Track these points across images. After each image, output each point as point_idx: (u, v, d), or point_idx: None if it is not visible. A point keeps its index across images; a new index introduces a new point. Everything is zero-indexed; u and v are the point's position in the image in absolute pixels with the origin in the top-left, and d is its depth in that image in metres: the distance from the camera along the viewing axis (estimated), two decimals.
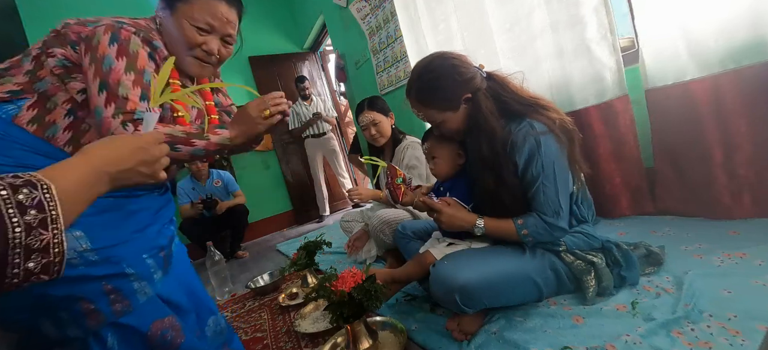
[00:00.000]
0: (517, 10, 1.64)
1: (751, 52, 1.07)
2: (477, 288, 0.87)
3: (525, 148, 0.91)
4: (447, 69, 0.95)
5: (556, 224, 0.92)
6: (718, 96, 1.16)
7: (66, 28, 0.79)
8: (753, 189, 1.15)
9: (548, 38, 1.55)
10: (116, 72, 0.73)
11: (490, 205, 0.99)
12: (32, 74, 0.75)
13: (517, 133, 0.92)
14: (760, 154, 1.12)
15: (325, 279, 1.03)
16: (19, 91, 0.73)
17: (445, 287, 0.89)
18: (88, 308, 0.68)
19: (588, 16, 1.40)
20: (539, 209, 0.93)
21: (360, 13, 2.77)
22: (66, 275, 0.43)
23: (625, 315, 0.86)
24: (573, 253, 0.97)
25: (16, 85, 0.74)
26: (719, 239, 1.09)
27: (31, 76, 0.75)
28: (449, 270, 0.90)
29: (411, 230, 1.31)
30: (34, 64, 0.76)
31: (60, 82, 0.75)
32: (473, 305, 0.88)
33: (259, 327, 1.43)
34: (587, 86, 1.48)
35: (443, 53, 1.00)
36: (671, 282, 0.94)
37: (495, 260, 0.94)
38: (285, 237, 3.47)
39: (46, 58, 0.75)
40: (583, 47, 1.45)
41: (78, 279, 0.67)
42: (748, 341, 0.68)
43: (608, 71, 1.41)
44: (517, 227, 0.94)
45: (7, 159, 0.67)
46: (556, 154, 0.91)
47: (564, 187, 0.93)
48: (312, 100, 3.66)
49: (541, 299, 0.99)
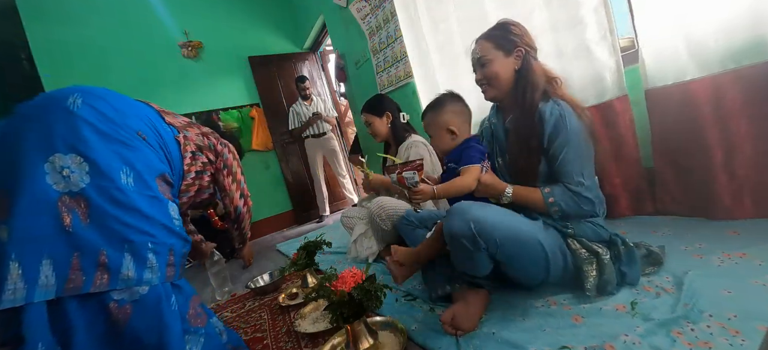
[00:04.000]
0: (518, 11, 1.64)
1: (751, 52, 1.07)
2: (492, 223, 0.88)
3: (551, 120, 0.95)
4: (512, 22, 1.08)
5: (583, 194, 0.95)
6: (718, 96, 1.16)
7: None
8: (753, 189, 1.15)
9: (548, 39, 1.55)
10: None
11: (514, 173, 1.05)
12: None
13: (544, 106, 0.97)
14: (760, 154, 1.12)
15: (325, 278, 1.03)
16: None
17: (463, 217, 0.88)
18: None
19: (588, 17, 1.40)
20: (565, 180, 0.96)
21: (360, 13, 2.77)
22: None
23: (624, 315, 0.86)
24: (579, 241, 0.98)
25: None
26: (719, 239, 1.09)
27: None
28: (467, 205, 0.92)
29: (416, 218, 1.33)
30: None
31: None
32: (486, 238, 0.87)
33: (259, 327, 1.43)
34: (587, 87, 1.48)
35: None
36: (671, 281, 0.94)
37: (511, 215, 0.94)
38: (285, 237, 3.47)
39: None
40: (583, 48, 1.45)
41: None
42: (748, 341, 0.68)
43: (608, 72, 1.41)
44: (544, 195, 0.97)
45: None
46: (580, 128, 0.96)
47: (588, 161, 0.98)
48: (312, 100, 3.66)
49: (546, 278, 0.97)
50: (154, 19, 3.57)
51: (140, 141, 0.90)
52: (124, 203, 0.79)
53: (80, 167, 0.78)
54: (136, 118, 0.94)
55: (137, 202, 0.81)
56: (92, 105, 0.85)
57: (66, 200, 0.75)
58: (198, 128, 1.18)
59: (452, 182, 1.04)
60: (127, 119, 0.90)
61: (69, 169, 0.77)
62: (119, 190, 0.79)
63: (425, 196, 1.06)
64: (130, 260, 0.77)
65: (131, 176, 0.82)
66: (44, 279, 0.71)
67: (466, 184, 1.02)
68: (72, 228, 0.74)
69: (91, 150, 0.79)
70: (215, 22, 3.86)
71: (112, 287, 0.75)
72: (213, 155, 1.17)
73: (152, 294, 0.79)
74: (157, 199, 0.86)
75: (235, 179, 1.26)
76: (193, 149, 1.11)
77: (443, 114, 1.17)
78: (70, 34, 3.14)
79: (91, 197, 0.77)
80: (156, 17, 3.58)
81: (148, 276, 0.79)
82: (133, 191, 0.81)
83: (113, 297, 0.75)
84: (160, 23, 3.59)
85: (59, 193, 0.75)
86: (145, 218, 0.81)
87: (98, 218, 0.77)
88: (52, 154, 0.77)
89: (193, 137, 1.13)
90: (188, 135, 1.11)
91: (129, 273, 0.77)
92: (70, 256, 0.73)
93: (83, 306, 0.73)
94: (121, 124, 0.87)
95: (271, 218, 4.04)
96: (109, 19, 3.35)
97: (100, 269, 0.75)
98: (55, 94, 0.87)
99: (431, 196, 1.06)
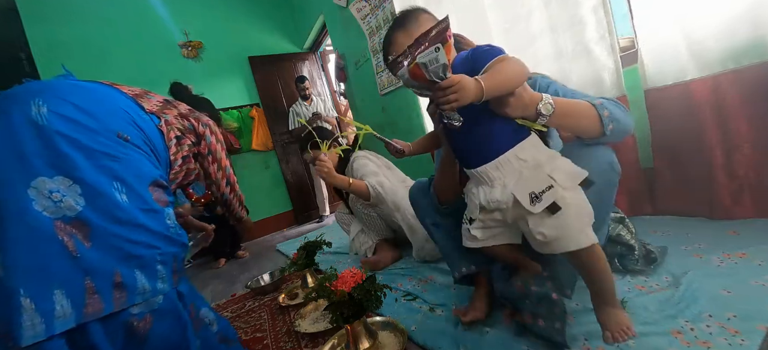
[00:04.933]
0: (517, 12, 1.64)
1: (751, 52, 1.07)
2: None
3: (537, 87, 0.89)
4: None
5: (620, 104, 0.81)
6: (718, 96, 1.16)
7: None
8: (753, 189, 1.15)
9: (547, 39, 1.56)
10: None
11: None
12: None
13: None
14: (760, 154, 1.12)
15: (325, 278, 1.03)
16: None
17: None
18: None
19: (587, 17, 1.40)
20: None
21: (360, 13, 2.77)
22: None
23: None
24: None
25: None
26: (719, 239, 1.09)
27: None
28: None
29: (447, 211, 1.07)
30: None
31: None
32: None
33: (259, 327, 1.43)
34: (586, 87, 1.48)
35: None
36: (670, 281, 0.94)
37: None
38: (285, 237, 3.47)
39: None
40: (582, 48, 1.45)
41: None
42: (748, 341, 0.68)
43: (607, 72, 1.41)
44: (597, 108, 0.76)
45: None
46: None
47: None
48: (312, 100, 3.66)
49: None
50: (154, 19, 3.57)
51: (124, 146, 0.84)
52: (126, 220, 0.77)
53: (71, 190, 0.73)
54: (112, 117, 0.85)
55: (138, 217, 0.79)
56: (59, 113, 0.77)
57: (61, 225, 0.71)
58: (175, 109, 1.11)
59: (499, 69, 0.68)
60: (103, 121, 0.83)
61: (59, 193, 0.72)
62: (118, 207, 0.77)
63: (467, 92, 0.63)
64: (143, 275, 0.78)
65: (124, 192, 0.79)
66: (60, 309, 0.68)
67: (519, 68, 0.69)
68: (78, 253, 0.71)
69: (77, 170, 0.75)
70: (215, 22, 3.86)
71: (131, 303, 0.75)
72: (194, 137, 1.12)
73: (167, 300, 0.82)
74: (154, 211, 0.84)
75: (220, 165, 1.19)
76: (177, 134, 1.05)
77: (422, 26, 0.85)
78: (70, 34, 3.14)
79: (91, 219, 0.74)
80: (156, 17, 3.58)
81: (160, 286, 0.81)
82: (130, 207, 0.79)
83: (132, 313, 0.76)
84: (160, 23, 3.59)
85: (52, 219, 0.71)
86: (149, 232, 0.81)
87: (102, 239, 0.74)
88: (34, 178, 0.71)
89: (173, 120, 1.05)
90: (169, 120, 1.03)
91: (145, 287, 0.78)
92: (82, 281, 0.71)
93: (105, 327, 0.74)
94: (98, 130, 0.81)
95: (271, 218, 4.04)
96: (109, 20, 3.35)
97: (117, 288, 0.74)
98: (12, 101, 0.77)
99: (477, 92, 0.64)
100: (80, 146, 0.77)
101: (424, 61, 0.61)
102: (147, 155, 0.89)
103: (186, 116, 1.11)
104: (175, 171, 1.04)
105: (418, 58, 0.61)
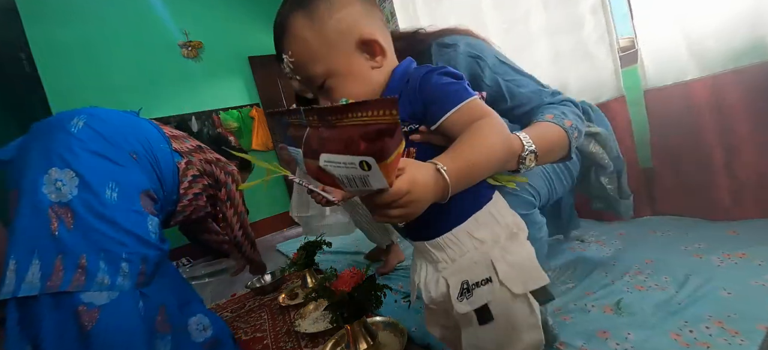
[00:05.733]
0: (515, 12, 1.64)
1: (751, 52, 1.07)
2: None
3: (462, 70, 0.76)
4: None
5: (565, 99, 0.75)
6: (718, 96, 1.15)
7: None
8: (753, 190, 1.15)
9: (546, 40, 1.55)
10: None
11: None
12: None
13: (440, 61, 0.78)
14: (760, 154, 1.12)
15: (325, 278, 1.03)
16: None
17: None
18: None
19: (586, 17, 1.40)
20: (538, 103, 0.73)
21: None
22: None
23: (612, 316, 0.86)
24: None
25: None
26: (719, 240, 1.09)
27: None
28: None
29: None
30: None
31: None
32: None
33: (259, 327, 1.43)
34: (585, 88, 1.48)
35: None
36: (670, 281, 0.94)
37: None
38: (285, 237, 3.47)
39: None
40: (581, 48, 1.45)
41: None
42: (748, 341, 0.68)
43: (606, 72, 1.41)
44: (560, 126, 0.65)
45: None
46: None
47: (525, 74, 0.80)
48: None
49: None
50: (154, 19, 3.56)
51: (130, 160, 1.01)
52: (105, 216, 0.89)
53: (71, 181, 0.90)
54: (133, 139, 1.06)
55: (117, 216, 0.91)
56: (92, 127, 0.98)
57: (55, 209, 0.86)
58: (204, 154, 1.30)
59: (472, 145, 0.46)
60: (123, 139, 1.03)
61: (62, 182, 0.89)
62: (102, 204, 0.90)
63: (421, 205, 0.42)
64: (105, 266, 0.86)
65: (116, 192, 0.94)
66: (30, 276, 0.81)
67: (498, 134, 0.50)
68: (58, 233, 0.84)
69: (81, 167, 0.91)
70: (215, 22, 3.86)
71: (88, 288, 0.83)
72: (213, 181, 1.30)
73: (121, 299, 0.87)
74: (138, 213, 0.96)
75: (236, 211, 1.39)
76: (195, 173, 1.24)
77: (338, 11, 0.57)
78: (70, 34, 3.14)
79: (77, 208, 0.87)
80: (156, 17, 3.57)
81: (120, 281, 0.87)
82: (115, 206, 0.92)
83: (83, 300, 0.83)
84: (160, 23, 3.59)
85: (51, 202, 0.86)
86: (122, 231, 0.91)
87: (81, 226, 0.87)
88: (50, 168, 0.89)
89: (197, 162, 1.25)
90: (192, 161, 1.24)
91: (104, 279, 0.85)
92: (54, 258, 0.83)
93: (56, 303, 0.82)
94: (114, 143, 1.00)
95: (271, 218, 4.04)
96: (110, 20, 3.34)
97: (79, 271, 0.83)
98: (63, 115, 1.02)
99: (438, 194, 0.44)
100: (91, 151, 0.95)
101: (339, 175, 0.38)
102: (148, 173, 1.06)
103: (211, 162, 1.30)
104: (183, 204, 1.22)
105: (327, 166, 0.38)
